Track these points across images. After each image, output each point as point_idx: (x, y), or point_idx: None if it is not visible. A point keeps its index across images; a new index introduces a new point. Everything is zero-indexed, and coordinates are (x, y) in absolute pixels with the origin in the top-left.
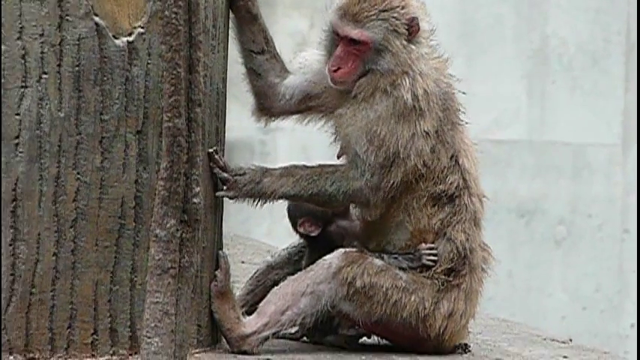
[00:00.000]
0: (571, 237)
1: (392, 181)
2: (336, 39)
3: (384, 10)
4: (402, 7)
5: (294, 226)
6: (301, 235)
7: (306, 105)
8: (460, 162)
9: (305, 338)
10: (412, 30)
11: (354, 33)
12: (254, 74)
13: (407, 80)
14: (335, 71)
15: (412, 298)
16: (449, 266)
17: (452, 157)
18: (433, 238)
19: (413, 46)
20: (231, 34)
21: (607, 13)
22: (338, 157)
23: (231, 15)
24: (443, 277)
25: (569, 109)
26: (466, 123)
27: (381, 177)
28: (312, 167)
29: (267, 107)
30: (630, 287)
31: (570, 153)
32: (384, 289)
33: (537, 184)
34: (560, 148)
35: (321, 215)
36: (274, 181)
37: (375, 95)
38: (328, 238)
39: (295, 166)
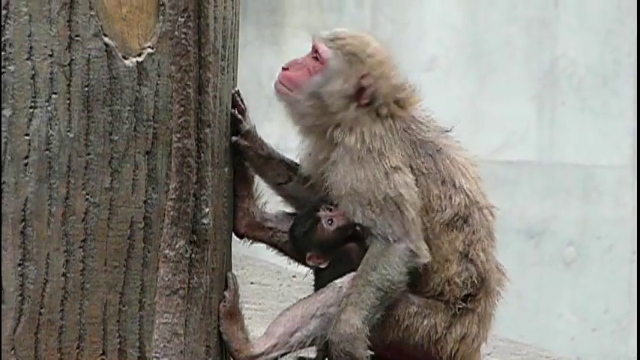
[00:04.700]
0: (580, 258)
1: (412, 218)
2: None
3: (353, 54)
4: (370, 56)
5: (302, 257)
6: (309, 267)
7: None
8: (458, 184)
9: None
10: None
11: (322, 48)
12: (291, 199)
13: (353, 128)
14: (284, 70)
15: (424, 323)
16: (468, 292)
17: (443, 182)
18: (457, 261)
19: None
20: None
21: (617, 34)
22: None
23: (249, 160)
24: (460, 302)
25: (579, 130)
26: (457, 142)
27: (399, 221)
28: (355, 279)
29: None
30: None
31: (580, 174)
32: (395, 315)
33: (547, 205)
34: (570, 170)
35: (328, 247)
36: (353, 318)
37: (329, 148)
38: (341, 258)
39: (348, 296)
